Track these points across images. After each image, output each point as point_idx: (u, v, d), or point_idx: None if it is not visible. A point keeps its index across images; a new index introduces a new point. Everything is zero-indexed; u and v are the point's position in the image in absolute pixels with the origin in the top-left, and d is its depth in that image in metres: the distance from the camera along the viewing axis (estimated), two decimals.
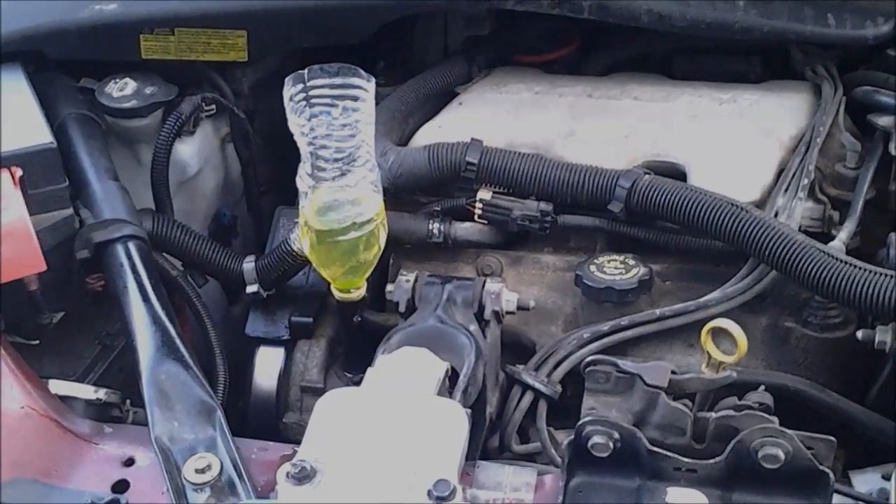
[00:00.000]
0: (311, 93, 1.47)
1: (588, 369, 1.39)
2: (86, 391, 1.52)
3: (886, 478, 1.42)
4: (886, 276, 1.47)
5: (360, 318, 1.69)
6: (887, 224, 1.70)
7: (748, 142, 1.77)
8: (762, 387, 1.44)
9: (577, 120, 1.85)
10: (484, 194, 1.75)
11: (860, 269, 1.49)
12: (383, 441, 1.26)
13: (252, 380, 1.74)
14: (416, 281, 1.65)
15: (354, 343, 1.73)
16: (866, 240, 1.70)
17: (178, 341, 1.46)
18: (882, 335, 1.54)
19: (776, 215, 1.64)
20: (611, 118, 1.85)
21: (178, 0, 1.88)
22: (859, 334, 1.57)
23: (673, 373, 1.37)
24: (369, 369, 1.42)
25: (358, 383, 1.58)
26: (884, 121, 1.76)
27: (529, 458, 1.61)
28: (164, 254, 1.75)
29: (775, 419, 1.27)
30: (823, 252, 1.51)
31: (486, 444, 1.60)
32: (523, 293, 1.66)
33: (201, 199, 2.01)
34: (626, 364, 1.38)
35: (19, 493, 1.29)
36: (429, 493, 1.19)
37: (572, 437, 1.27)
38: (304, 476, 1.21)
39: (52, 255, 1.56)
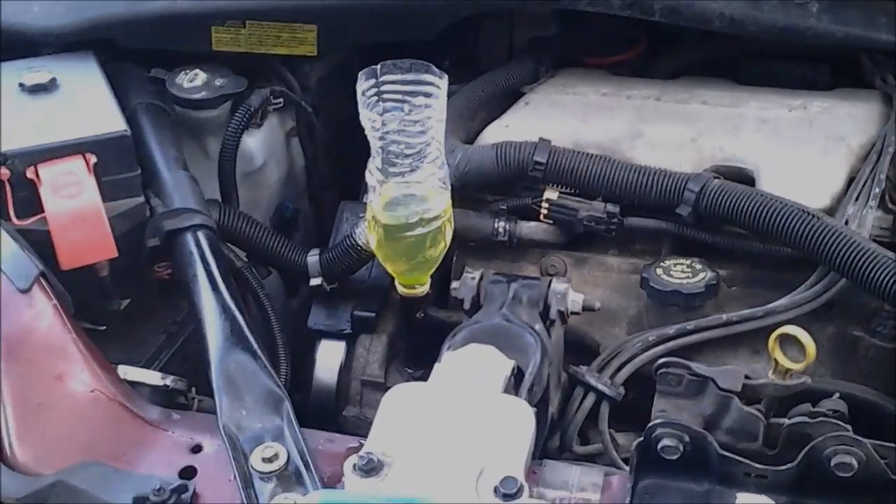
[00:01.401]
0: (383, 88, 1.47)
1: (660, 372, 1.39)
2: (153, 377, 1.53)
3: None
4: None
5: (423, 315, 1.69)
6: None
7: (818, 149, 1.76)
8: (837, 394, 1.43)
9: (645, 123, 1.84)
10: (550, 194, 1.75)
11: None
12: (450, 436, 1.27)
13: (313, 373, 1.75)
14: (481, 279, 1.65)
15: (415, 339, 1.74)
16: None
17: (246, 331, 1.46)
18: None
19: (846, 224, 1.62)
20: (679, 122, 1.84)
21: None
22: None
23: (746, 378, 1.36)
24: (436, 365, 1.43)
25: (418, 379, 1.59)
26: None
27: (590, 459, 1.61)
28: (228, 244, 1.77)
29: (849, 427, 1.26)
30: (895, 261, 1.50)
31: (547, 444, 1.59)
32: (587, 294, 1.65)
33: (265, 192, 2.02)
34: (698, 367, 1.37)
35: (89, 477, 1.30)
36: (495, 489, 1.19)
37: (642, 438, 1.26)
38: (371, 468, 1.22)
39: (122, 242, 1.58)
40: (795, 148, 1.76)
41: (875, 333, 1.63)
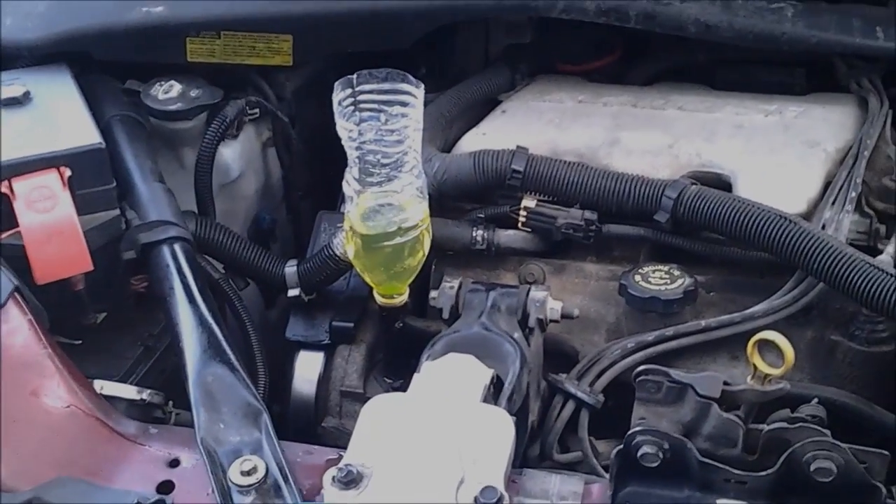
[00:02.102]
0: (360, 98, 1.47)
1: (639, 379, 1.39)
2: (130, 391, 1.52)
3: None
4: None
5: (401, 324, 1.68)
6: None
7: (794, 154, 1.76)
8: (815, 399, 1.44)
9: (622, 129, 1.85)
10: (528, 202, 1.75)
11: None
12: (430, 447, 1.26)
13: (291, 384, 1.74)
14: (459, 288, 1.65)
15: (394, 349, 1.73)
16: None
17: (224, 344, 1.46)
18: None
19: (823, 228, 1.63)
20: (655, 128, 1.85)
21: (224, 3, 1.88)
22: None
23: (725, 384, 1.36)
24: (416, 375, 1.42)
25: (397, 389, 1.59)
26: None
27: (570, 467, 1.60)
28: (205, 256, 1.76)
29: (828, 432, 1.26)
30: (873, 265, 1.50)
31: (527, 452, 1.59)
32: (566, 302, 1.65)
33: (242, 203, 2.01)
34: (677, 374, 1.37)
35: (65, 493, 1.29)
36: (475, 499, 1.19)
37: (621, 446, 1.26)
38: (350, 480, 1.21)
39: (98, 256, 1.56)
40: (772, 153, 1.77)
41: (853, 337, 1.63)
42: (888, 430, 1.58)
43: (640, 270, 1.67)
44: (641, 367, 1.40)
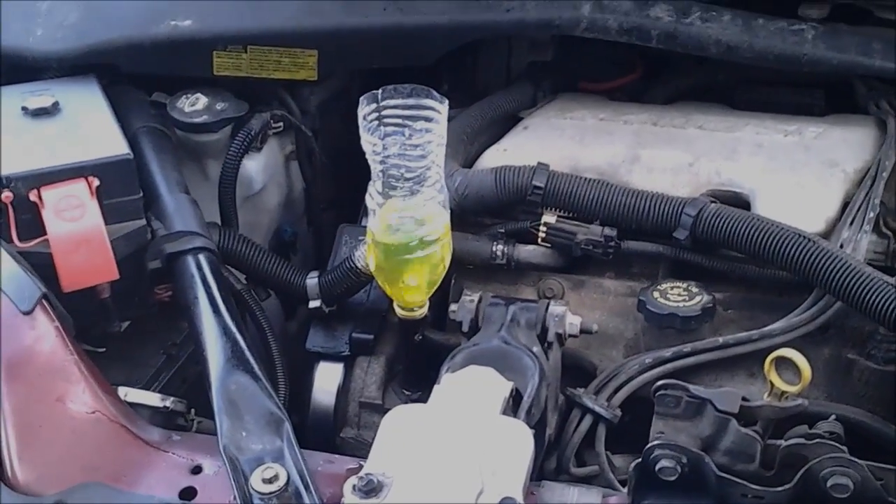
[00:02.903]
0: (384, 112, 1.49)
1: (658, 393, 1.40)
2: (153, 399, 1.54)
3: None
4: None
5: (421, 337, 1.70)
6: None
7: (813, 174, 1.77)
8: (833, 416, 1.44)
9: (642, 147, 1.86)
10: (548, 218, 1.77)
11: None
12: (450, 458, 1.27)
13: (311, 394, 1.76)
14: (479, 301, 1.66)
15: (413, 361, 1.74)
16: None
17: (247, 353, 1.47)
18: None
19: (841, 248, 1.64)
20: (675, 146, 1.86)
21: (251, 18, 1.90)
22: None
23: (744, 399, 1.37)
24: (436, 387, 1.43)
25: (416, 401, 1.60)
26: None
27: (586, 480, 1.61)
28: (227, 267, 1.77)
29: (845, 449, 1.27)
30: (891, 285, 1.51)
31: (543, 465, 1.60)
32: (585, 317, 1.66)
33: (264, 215, 2.04)
34: (697, 389, 1.38)
35: (89, 497, 1.31)
36: None
37: (640, 459, 1.27)
38: (370, 489, 1.23)
39: (124, 265, 1.59)
40: (791, 173, 1.78)
41: (870, 356, 1.64)
42: None
43: (658, 287, 1.68)
44: (661, 382, 1.41)
